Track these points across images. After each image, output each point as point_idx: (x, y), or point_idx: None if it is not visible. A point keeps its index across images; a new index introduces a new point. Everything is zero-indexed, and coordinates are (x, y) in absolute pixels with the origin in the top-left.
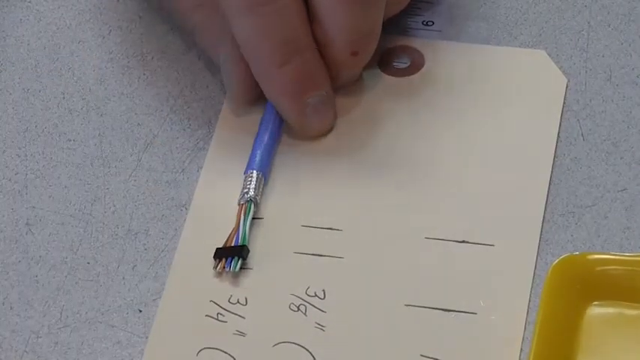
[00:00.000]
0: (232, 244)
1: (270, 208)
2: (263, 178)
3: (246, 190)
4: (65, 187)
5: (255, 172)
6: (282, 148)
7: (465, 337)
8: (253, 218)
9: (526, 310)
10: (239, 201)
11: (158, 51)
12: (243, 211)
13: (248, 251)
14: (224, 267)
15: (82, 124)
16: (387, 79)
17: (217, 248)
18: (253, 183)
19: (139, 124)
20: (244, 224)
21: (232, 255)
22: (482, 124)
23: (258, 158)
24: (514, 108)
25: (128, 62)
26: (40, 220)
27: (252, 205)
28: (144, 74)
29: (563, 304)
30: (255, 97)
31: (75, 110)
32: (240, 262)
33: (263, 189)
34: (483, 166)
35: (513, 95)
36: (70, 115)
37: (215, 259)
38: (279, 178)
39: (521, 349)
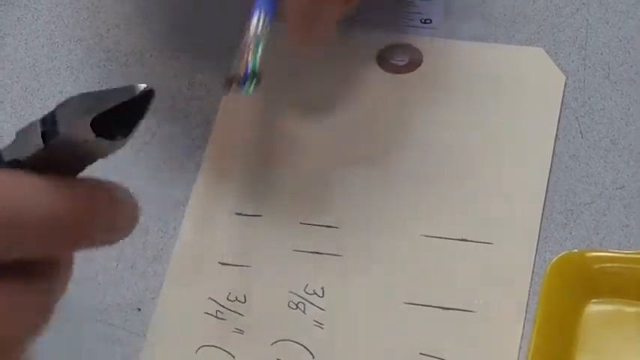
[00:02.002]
0: (244, 72)
1: (269, 205)
2: (267, 17)
3: (252, 29)
4: None
5: (259, 10)
6: (282, 143)
7: (464, 334)
8: (252, 215)
9: (525, 308)
10: (245, 41)
11: (156, 49)
12: (251, 49)
13: (260, 77)
14: (239, 86)
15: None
16: (385, 76)
17: (229, 76)
18: (260, 22)
19: None
20: (254, 57)
21: (245, 79)
22: (480, 121)
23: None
24: (512, 106)
25: (126, 60)
26: None
27: (261, 42)
28: (142, 72)
29: (562, 301)
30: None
31: None
32: (253, 83)
33: (268, 30)
34: (482, 164)
35: (512, 93)
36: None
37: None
38: (278, 176)
39: (520, 346)
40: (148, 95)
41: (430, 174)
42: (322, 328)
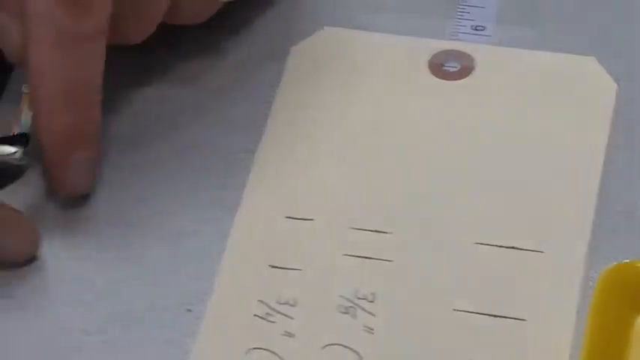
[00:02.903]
0: (16, 133)
1: (320, 209)
2: None
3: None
4: (111, 188)
5: None
6: (333, 148)
7: (513, 343)
8: (303, 219)
9: (575, 319)
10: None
11: (205, 51)
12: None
13: (28, 138)
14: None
15: (129, 127)
16: (437, 82)
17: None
18: None
19: (185, 126)
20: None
21: (13, 143)
22: (531, 129)
23: None
24: (564, 114)
25: (174, 64)
26: (89, 220)
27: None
28: (188, 76)
29: (613, 313)
30: None
31: (121, 113)
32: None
33: None
34: (533, 171)
35: (563, 101)
36: (117, 118)
37: None
38: (330, 180)
39: (570, 357)
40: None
41: (481, 181)
42: (372, 333)
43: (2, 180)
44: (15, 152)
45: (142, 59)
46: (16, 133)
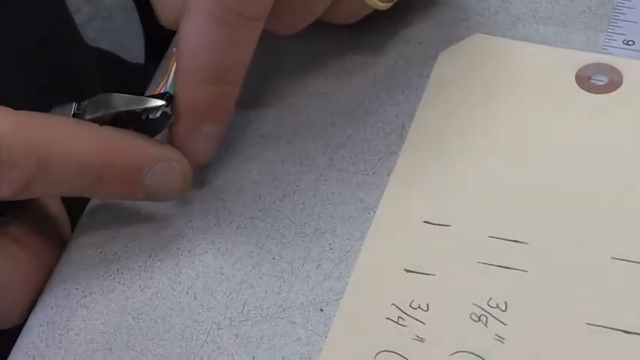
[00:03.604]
0: (162, 92)
1: (459, 216)
2: None
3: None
4: (255, 182)
5: None
6: (475, 155)
7: None
8: (441, 225)
9: None
10: (172, 51)
11: (355, 52)
12: (174, 60)
13: (172, 98)
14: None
15: (275, 121)
16: (583, 95)
17: (146, 95)
18: None
19: (332, 124)
20: (174, 74)
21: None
22: None
23: None
24: None
25: (326, 61)
26: (229, 212)
27: None
28: (341, 75)
29: None
30: None
31: (269, 107)
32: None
33: None
34: None
35: None
36: (265, 112)
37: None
38: (470, 187)
39: None
40: (166, 116)
41: (623, 195)
42: (503, 342)
43: (149, 131)
44: (159, 107)
45: (295, 53)
46: (162, 92)
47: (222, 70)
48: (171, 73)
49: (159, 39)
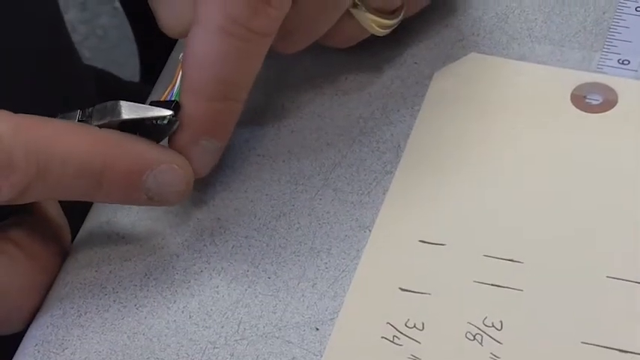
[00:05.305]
0: (167, 99)
1: (454, 235)
2: None
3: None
4: (251, 201)
5: None
6: (470, 174)
7: None
8: (436, 244)
9: None
10: (179, 58)
11: (351, 72)
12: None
13: (179, 106)
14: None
15: (272, 141)
16: (578, 114)
17: (151, 101)
18: None
19: (328, 143)
20: (181, 81)
21: (164, 107)
22: None
23: None
24: None
25: (321, 82)
26: (225, 231)
27: None
28: (336, 94)
29: None
30: None
31: (266, 126)
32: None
33: None
34: None
35: None
36: (262, 131)
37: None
38: (465, 206)
39: None
40: (172, 123)
41: (619, 215)
42: None
43: (153, 137)
44: (165, 117)
45: (292, 72)
46: (167, 99)
47: (227, 86)
48: (177, 81)
49: (154, 57)
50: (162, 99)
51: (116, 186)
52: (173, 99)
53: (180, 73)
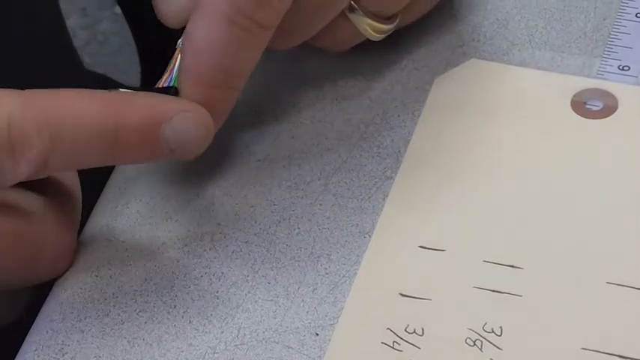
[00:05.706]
0: (165, 85)
1: (454, 241)
2: None
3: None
4: (251, 206)
5: None
6: (470, 180)
7: None
8: (436, 250)
9: None
10: (177, 45)
11: (351, 77)
12: (179, 55)
13: (178, 92)
14: None
15: (272, 146)
16: (578, 120)
17: (151, 88)
18: None
19: (328, 148)
20: (178, 68)
21: (163, 93)
22: None
23: None
24: None
25: (322, 86)
26: (225, 237)
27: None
28: (336, 100)
29: None
30: None
31: (266, 131)
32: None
33: None
34: None
35: None
36: (262, 136)
37: None
38: (465, 212)
39: None
40: None
41: (617, 220)
42: None
43: None
44: None
45: (291, 77)
46: (165, 85)
47: (227, 74)
48: (176, 67)
49: (154, 63)
50: (160, 85)
51: (134, 143)
52: (172, 85)
53: (179, 59)
